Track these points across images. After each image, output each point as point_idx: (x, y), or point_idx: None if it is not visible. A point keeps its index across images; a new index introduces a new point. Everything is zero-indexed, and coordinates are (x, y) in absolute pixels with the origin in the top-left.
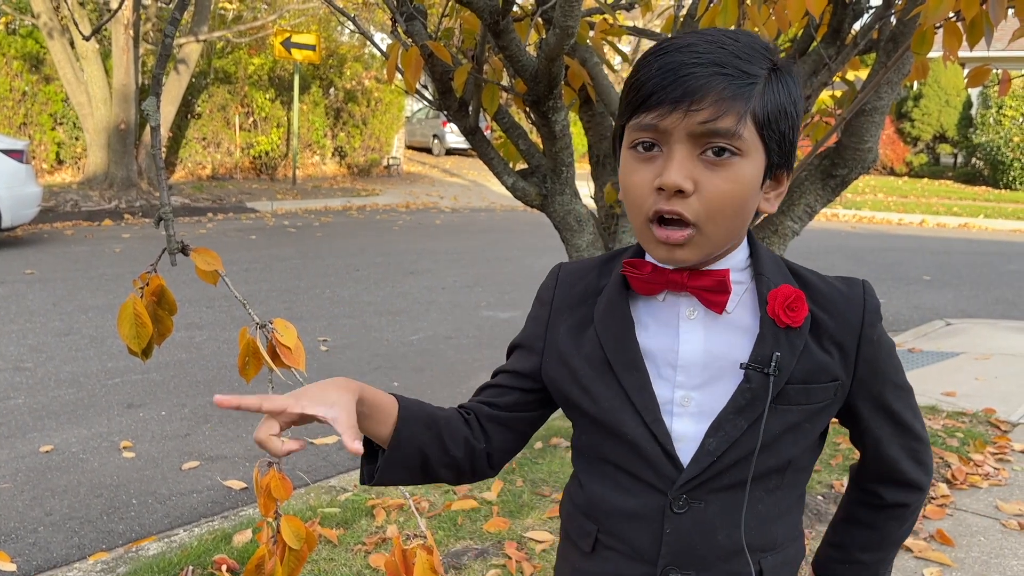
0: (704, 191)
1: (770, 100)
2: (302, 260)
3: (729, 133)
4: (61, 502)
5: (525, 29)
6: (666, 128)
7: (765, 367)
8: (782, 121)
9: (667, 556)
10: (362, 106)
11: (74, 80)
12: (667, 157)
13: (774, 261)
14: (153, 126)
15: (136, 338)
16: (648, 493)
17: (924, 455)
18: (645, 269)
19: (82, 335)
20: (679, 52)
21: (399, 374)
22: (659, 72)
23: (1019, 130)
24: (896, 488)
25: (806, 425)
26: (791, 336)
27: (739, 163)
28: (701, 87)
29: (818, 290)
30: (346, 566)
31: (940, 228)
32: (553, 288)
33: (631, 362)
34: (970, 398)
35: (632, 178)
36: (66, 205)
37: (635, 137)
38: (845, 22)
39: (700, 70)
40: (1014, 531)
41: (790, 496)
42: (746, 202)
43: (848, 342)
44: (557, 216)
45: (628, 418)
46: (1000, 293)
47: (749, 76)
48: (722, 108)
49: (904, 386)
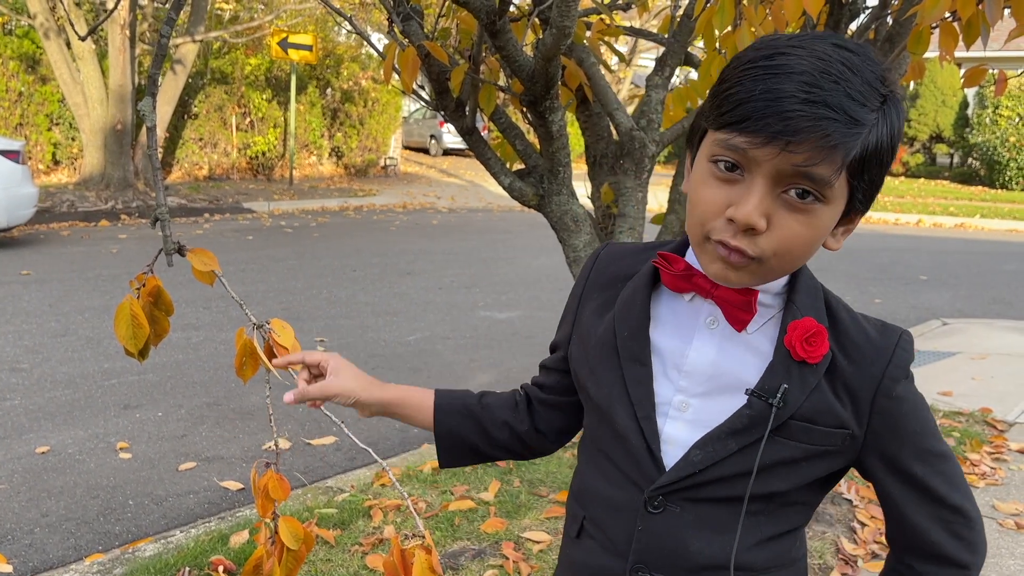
0: (776, 230)
1: (870, 145)
2: (299, 260)
3: (822, 181)
4: (57, 503)
5: (522, 29)
6: (755, 158)
7: (770, 397)
8: (875, 168)
9: (637, 553)
10: (359, 106)
11: (70, 80)
12: (747, 187)
13: (812, 291)
14: (149, 126)
15: (132, 339)
16: (629, 487)
17: (964, 530)
18: (678, 266)
19: (78, 336)
20: (788, 79)
21: (396, 374)
22: (762, 96)
23: (1015, 130)
24: (931, 563)
25: (803, 464)
26: (804, 371)
27: (820, 209)
28: (804, 129)
29: (846, 332)
30: (343, 567)
31: (937, 228)
32: (591, 268)
33: (638, 356)
34: (967, 398)
35: (704, 192)
36: (62, 206)
37: (719, 152)
38: (842, 22)
39: (808, 109)
40: (1011, 530)
41: (776, 526)
42: (816, 245)
43: (864, 393)
44: (554, 216)
45: (622, 409)
46: (997, 293)
47: (858, 124)
48: (821, 156)
49: (935, 451)
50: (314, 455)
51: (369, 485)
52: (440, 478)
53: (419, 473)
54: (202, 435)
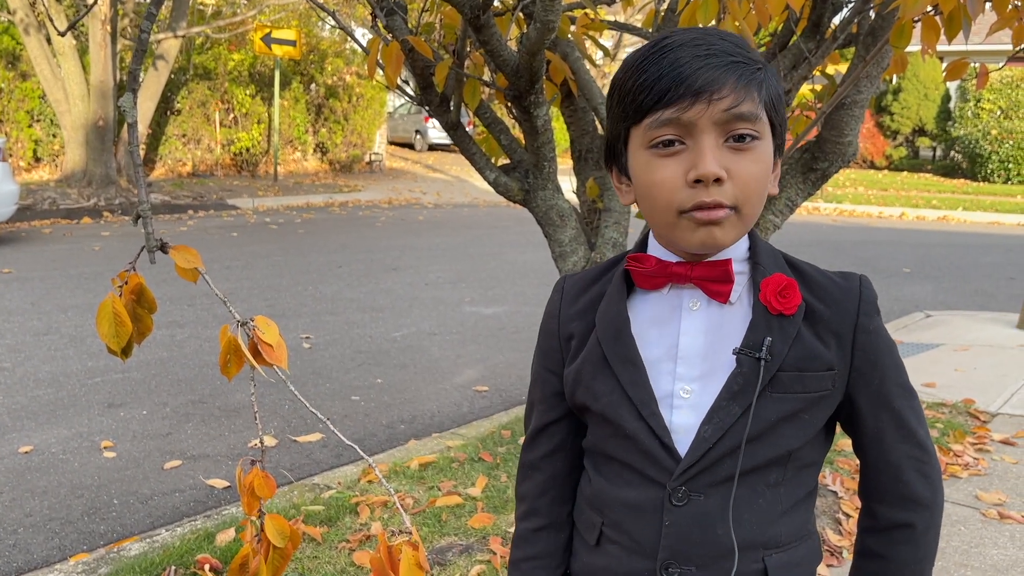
0: (735, 176)
1: (771, 87)
2: (284, 257)
3: (752, 117)
4: (41, 503)
5: (506, 24)
6: (690, 120)
7: (756, 352)
8: (780, 105)
9: (666, 550)
10: (343, 102)
11: (51, 76)
12: (696, 149)
13: (772, 253)
14: (130, 122)
15: (115, 337)
16: (649, 486)
17: (929, 468)
18: (649, 263)
19: (61, 334)
20: (683, 48)
21: (382, 371)
22: (672, 68)
23: (997, 123)
24: (899, 506)
25: (804, 415)
26: (783, 323)
27: (759, 145)
28: (719, 76)
29: (814, 280)
30: (330, 564)
31: (920, 221)
32: (559, 301)
33: (626, 357)
34: (950, 389)
35: (657, 174)
36: (44, 203)
37: (654, 135)
38: (825, 16)
39: (714, 60)
40: (993, 520)
41: (794, 493)
42: (767, 182)
43: (844, 331)
44: (540, 211)
45: (626, 412)
46: (979, 285)
47: (756, 63)
48: (742, 94)
49: (907, 387)
50: (300, 452)
51: (356, 482)
52: (427, 474)
53: (406, 469)
54: (187, 433)
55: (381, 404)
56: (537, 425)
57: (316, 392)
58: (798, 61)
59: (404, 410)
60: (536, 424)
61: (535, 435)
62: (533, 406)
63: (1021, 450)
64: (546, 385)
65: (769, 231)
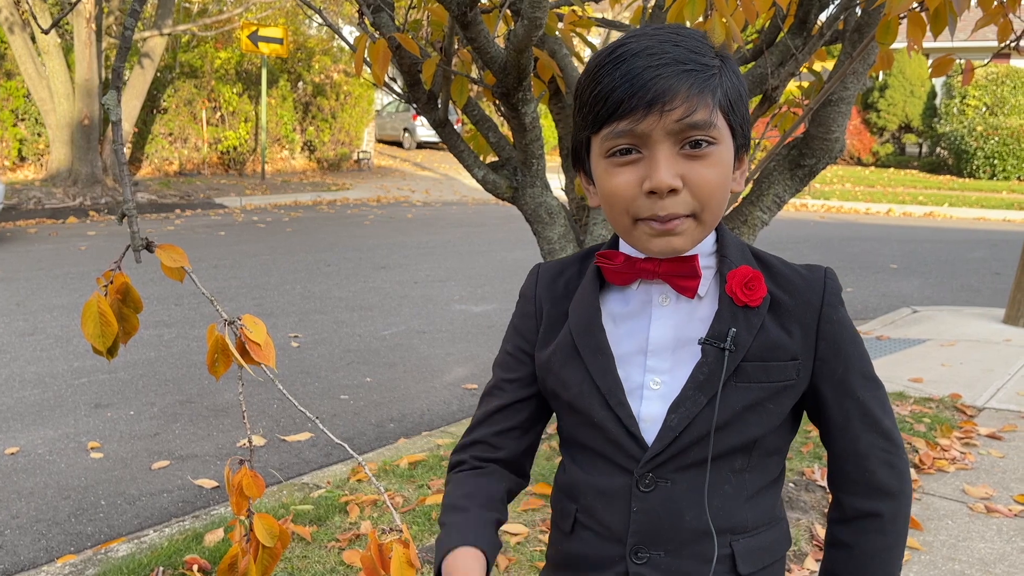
0: (691, 183)
1: (729, 87)
2: (272, 256)
3: (705, 124)
4: (28, 504)
5: (493, 21)
6: (643, 132)
7: (721, 343)
8: (740, 104)
9: (635, 535)
10: (331, 100)
11: (35, 75)
12: (650, 159)
13: (738, 246)
14: (114, 121)
15: (101, 337)
16: (618, 473)
17: (895, 458)
18: (618, 260)
19: (47, 335)
20: (637, 57)
21: (371, 369)
22: (624, 79)
23: (982, 119)
24: (866, 495)
25: (769, 404)
26: (749, 314)
27: (716, 150)
28: (670, 87)
29: (779, 272)
30: (320, 563)
31: (906, 217)
32: (535, 286)
33: (596, 347)
34: (936, 384)
35: (614, 181)
36: (29, 203)
37: (611, 145)
38: (811, 13)
39: (665, 70)
40: (980, 514)
41: (760, 479)
42: (727, 184)
43: (809, 320)
44: (528, 208)
45: (594, 402)
46: (965, 280)
47: (709, 68)
48: (694, 103)
49: (872, 378)
50: (289, 451)
51: (345, 481)
52: (416, 472)
53: (395, 468)
54: (175, 433)
55: (370, 403)
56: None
57: (305, 391)
58: (785, 58)
59: (393, 409)
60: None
61: (495, 412)
62: (494, 387)
63: (1007, 444)
64: (518, 365)
65: (757, 227)
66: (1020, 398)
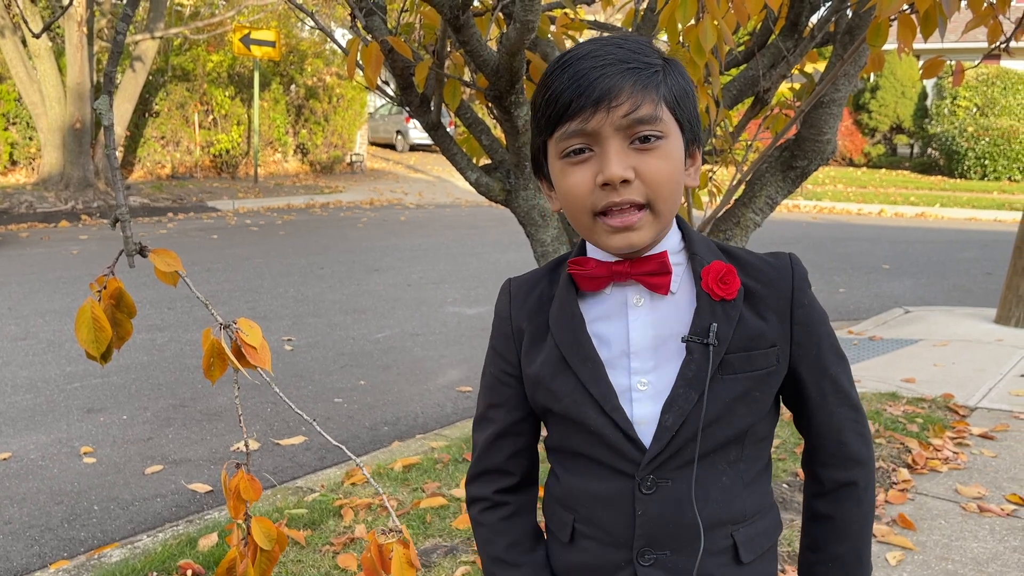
0: (643, 174)
1: (674, 85)
2: (265, 259)
3: (651, 119)
4: (20, 510)
5: (486, 24)
6: (593, 129)
7: (704, 338)
8: (687, 101)
9: (641, 538)
10: (324, 103)
11: (27, 79)
12: (602, 155)
13: (704, 242)
14: (106, 125)
15: (95, 342)
16: (617, 478)
17: (863, 428)
18: (588, 265)
19: (39, 339)
20: (582, 60)
21: (365, 372)
22: (572, 81)
23: (973, 120)
24: (843, 466)
25: (755, 393)
26: (726, 308)
27: (664, 144)
28: (615, 85)
29: (749, 263)
30: (314, 567)
31: (898, 218)
32: (508, 302)
33: (585, 356)
34: (929, 384)
35: (570, 180)
36: (20, 207)
37: (564, 146)
38: (803, 15)
39: (610, 69)
40: (973, 514)
41: (754, 467)
42: (679, 176)
43: (782, 307)
44: (521, 211)
45: (589, 410)
46: (956, 280)
47: (652, 66)
48: (638, 98)
49: (840, 353)
50: (283, 455)
51: (339, 484)
52: (411, 475)
53: (390, 471)
54: (169, 437)
55: (364, 406)
56: (499, 430)
57: (298, 394)
58: (777, 60)
59: (387, 412)
60: (498, 428)
61: (496, 439)
62: (487, 413)
63: (1000, 444)
64: (505, 388)
65: (750, 229)
66: (1012, 398)
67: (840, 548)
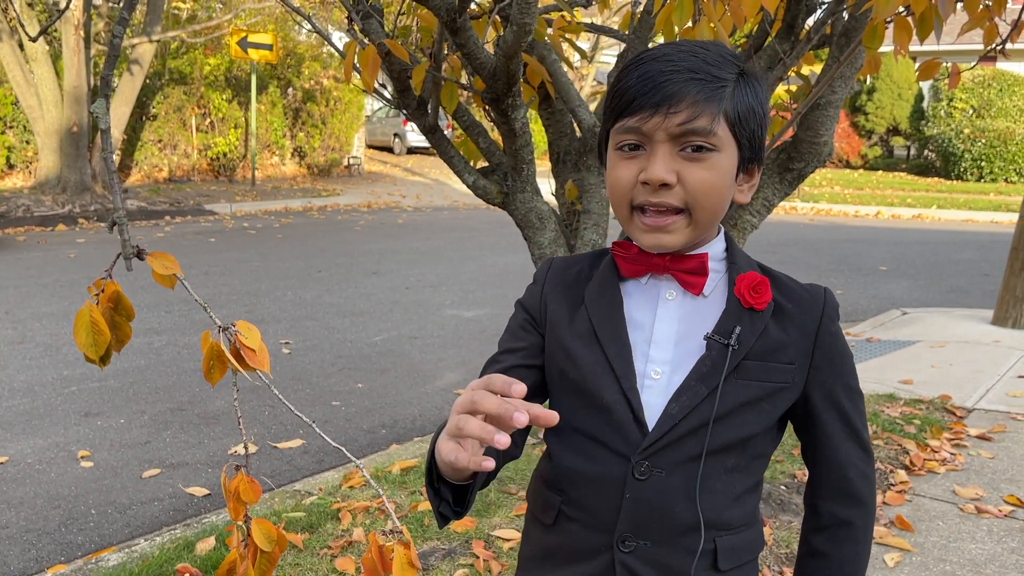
0: (686, 181)
1: (740, 101)
2: (263, 262)
3: (704, 131)
4: (17, 514)
5: (483, 27)
6: (648, 131)
7: (726, 339)
8: (751, 120)
9: (624, 523)
10: (321, 106)
11: (24, 82)
12: (650, 155)
13: (747, 258)
14: (103, 128)
15: (93, 346)
16: (613, 460)
17: (869, 469)
18: (632, 251)
19: (36, 343)
20: (656, 62)
21: (363, 375)
22: (639, 80)
23: (969, 122)
24: (842, 502)
25: (764, 404)
26: (753, 317)
27: (715, 157)
28: (677, 92)
29: (784, 284)
30: (312, 571)
31: (895, 219)
32: (546, 272)
33: (616, 333)
34: (926, 385)
35: (618, 172)
36: (17, 210)
37: (620, 139)
38: (799, 17)
39: (676, 76)
40: (971, 515)
41: (746, 481)
42: (724, 190)
43: (809, 328)
44: (519, 214)
45: (607, 384)
46: (954, 282)
47: (720, 80)
48: (697, 110)
49: (857, 390)
50: (281, 458)
51: (337, 488)
52: (408, 479)
53: (387, 474)
54: (166, 441)
55: (362, 409)
56: (502, 369)
57: (296, 398)
58: (773, 62)
59: (385, 415)
60: (501, 368)
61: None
62: (497, 356)
63: (997, 445)
64: (522, 335)
65: (747, 231)
66: (1009, 399)
67: None
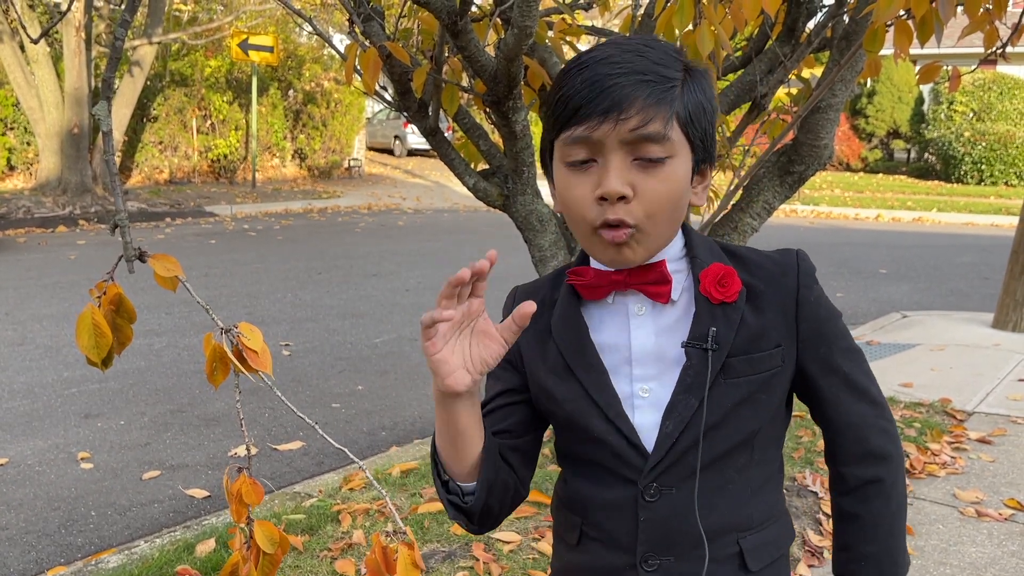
0: (642, 194)
1: (690, 100)
2: (263, 264)
3: (659, 136)
4: (17, 516)
5: (484, 29)
6: (598, 139)
7: (703, 343)
8: (702, 118)
9: (644, 544)
10: (322, 108)
11: (24, 84)
12: (603, 167)
13: (706, 245)
14: (105, 131)
15: (95, 348)
16: (622, 485)
17: (885, 422)
18: (587, 275)
19: (36, 344)
20: (599, 65)
21: (363, 377)
22: (584, 86)
23: (970, 125)
24: (865, 463)
25: (760, 396)
26: (727, 311)
27: (671, 163)
28: (627, 96)
29: (752, 262)
30: (312, 573)
31: (895, 222)
32: (512, 307)
33: (589, 363)
34: (926, 389)
35: (572, 192)
36: (18, 212)
37: (568, 152)
38: (799, 21)
39: (623, 79)
40: (971, 518)
41: (764, 472)
42: (681, 199)
43: (787, 305)
44: (519, 216)
45: (593, 416)
46: (954, 285)
47: (669, 80)
48: (649, 114)
49: (853, 349)
50: (281, 460)
51: (337, 490)
52: (409, 481)
53: (388, 476)
54: (166, 443)
55: (362, 411)
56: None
57: (296, 400)
58: (774, 65)
59: (385, 417)
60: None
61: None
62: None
63: (997, 448)
64: (500, 372)
65: (747, 234)
66: (1010, 402)
67: (871, 547)
